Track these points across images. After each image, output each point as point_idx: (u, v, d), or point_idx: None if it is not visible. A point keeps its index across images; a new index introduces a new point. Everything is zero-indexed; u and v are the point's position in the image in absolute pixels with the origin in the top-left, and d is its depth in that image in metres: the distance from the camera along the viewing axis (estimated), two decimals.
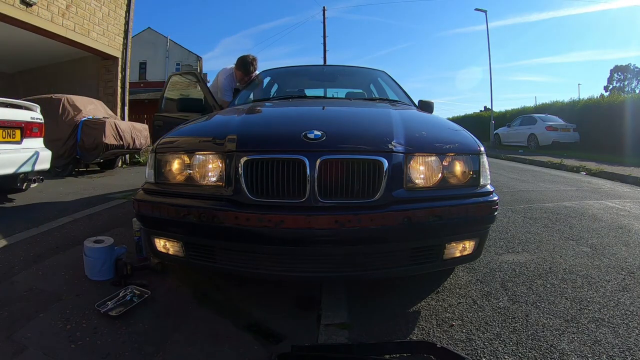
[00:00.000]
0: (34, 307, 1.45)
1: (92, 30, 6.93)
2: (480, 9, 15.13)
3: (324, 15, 18.70)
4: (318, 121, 1.65)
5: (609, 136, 10.09)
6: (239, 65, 2.98)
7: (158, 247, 1.50)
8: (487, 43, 16.75)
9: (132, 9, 8.06)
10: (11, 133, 3.17)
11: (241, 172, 1.29)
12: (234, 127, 1.53)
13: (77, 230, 2.55)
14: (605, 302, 1.55)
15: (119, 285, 1.63)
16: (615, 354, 1.19)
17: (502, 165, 7.68)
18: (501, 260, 2.05)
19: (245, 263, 1.36)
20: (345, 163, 1.28)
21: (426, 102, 2.62)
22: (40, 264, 1.90)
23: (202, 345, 1.25)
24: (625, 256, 2.11)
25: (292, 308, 1.52)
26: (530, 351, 1.21)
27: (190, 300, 1.57)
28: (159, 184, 1.49)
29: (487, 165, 1.51)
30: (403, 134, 1.44)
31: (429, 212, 1.31)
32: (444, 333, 1.33)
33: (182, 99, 2.66)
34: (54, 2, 5.98)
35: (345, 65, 3.71)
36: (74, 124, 5.36)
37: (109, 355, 1.18)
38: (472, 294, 1.63)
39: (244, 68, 2.95)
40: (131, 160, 7.86)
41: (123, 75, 7.94)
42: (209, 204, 1.33)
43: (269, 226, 1.24)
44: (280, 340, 1.28)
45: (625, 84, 41.63)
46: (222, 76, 3.11)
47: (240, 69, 2.98)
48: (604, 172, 5.94)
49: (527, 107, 15.86)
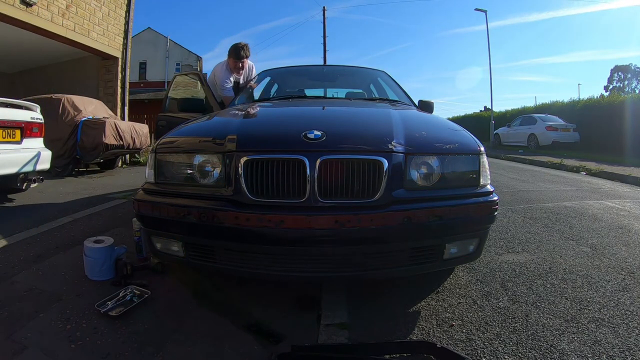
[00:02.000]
0: (34, 307, 1.45)
1: (92, 30, 6.93)
2: (480, 9, 15.16)
3: (324, 15, 18.71)
4: (318, 121, 1.65)
5: (609, 136, 10.09)
6: (231, 52, 3.04)
7: (158, 247, 1.50)
8: (487, 43, 16.76)
9: (132, 9, 8.06)
10: (11, 133, 3.17)
11: (241, 172, 1.29)
12: (234, 127, 1.53)
13: (77, 230, 2.55)
14: (605, 302, 1.55)
15: (119, 285, 1.63)
16: (615, 354, 1.19)
17: (502, 165, 7.68)
18: (501, 260, 2.05)
19: (245, 263, 1.36)
20: (345, 163, 1.28)
21: (426, 102, 2.63)
22: (40, 264, 1.90)
23: (202, 345, 1.25)
24: (625, 256, 2.11)
25: (292, 308, 1.52)
26: (530, 351, 1.21)
27: (190, 300, 1.57)
28: (159, 184, 1.49)
29: (487, 165, 1.51)
30: (403, 134, 1.44)
31: (429, 212, 1.31)
32: (444, 333, 1.33)
33: (184, 99, 2.67)
34: (54, 2, 5.98)
35: (345, 65, 3.71)
36: (74, 124, 5.36)
37: (109, 355, 1.18)
38: (472, 294, 1.63)
39: (235, 54, 3.01)
40: (131, 160, 7.87)
41: (123, 75, 7.94)
42: (209, 204, 1.33)
43: (269, 226, 1.23)
44: (280, 340, 1.28)
45: (626, 84, 41.62)
46: (217, 69, 3.17)
47: (231, 55, 3.04)
48: (604, 172, 5.94)
49: (527, 107, 15.88)
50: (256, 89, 3.03)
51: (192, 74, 3.83)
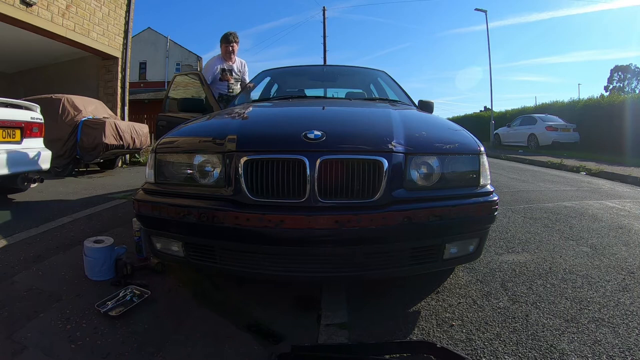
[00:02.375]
0: (34, 307, 1.45)
1: (92, 30, 6.93)
2: (480, 9, 15.13)
3: (324, 15, 18.71)
4: (318, 121, 1.65)
5: (609, 136, 10.09)
6: (222, 40, 3.36)
7: (158, 247, 1.50)
8: (487, 43, 16.79)
9: (132, 9, 8.06)
10: (11, 133, 3.17)
11: (241, 172, 1.29)
12: (234, 127, 1.53)
13: (77, 230, 2.55)
14: (605, 302, 1.55)
15: (119, 285, 1.63)
16: (615, 354, 1.19)
17: (502, 165, 7.68)
18: (501, 260, 2.05)
19: (245, 263, 1.36)
20: (345, 163, 1.28)
21: (426, 102, 2.63)
22: (40, 264, 1.90)
23: (202, 346, 1.25)
24: (625, 256, 2.11)
25: (292, 308, 1.52)
26: (530, 351, 1.21)
27: (190, 300, 1.57)
28: (159, 184, 1.49)
29: (487, 165, 1.51)
30: (403, 134, 1.44)
31: (429, 212, 1.31)
32: (444, 333, 1.33)
33: (184, 99, 2.68)
34: (54, 2, 5.98)
35: (345, 65, 3.71)
36: (74, 124, 5.36)
37: (109, 355, 1.18)
38: (472, 294, 1.63)
39: (225, 39, 3.32)
40: (131, 160, 7.87)
41: (123, 75, 7.94)
42: (209, 204, 1.33)
43: (269, 226, 1.23)
44: (280, 340, 1.28)
45: (625, 84, 41.62)
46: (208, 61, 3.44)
47: (222, 42, 3.35)
48: (603, 172, 5.94)
49: (527, 107, 15.88)
50: (256, 89, 3.03)
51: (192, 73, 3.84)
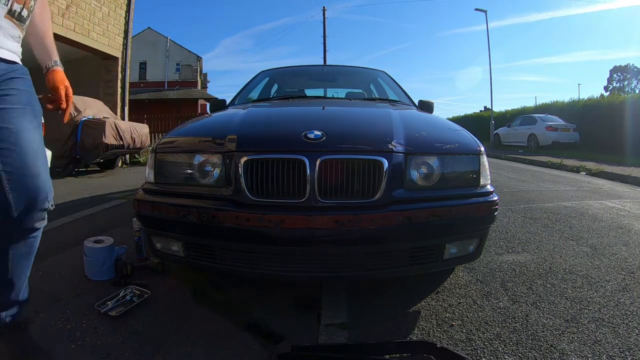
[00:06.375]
0: (34, 307, 1.45)
1: (92, 30, 6.93)
2: (480, 9, 15.14)
3: (324, 15, 18.73)
4: (318, 121, 1.64)
5: (608, 136, 10.10)
6: None
7: (158, 247, 1.50)
8: (487, 43, 16.78)
9: (132, 9, 8.06)
10: None
11: (241, 172, 1.29)
12: (234, 127, 1.53)
13: (77, 230, 2.55)
14: (605, 302, 1.55)
15: (119, 285, 1.63)
16: (615, 354, 1.19)
17: (502, 165, 7.68)
18: (501, 260, 2.05)
19: (245, 263, 1.36)
20: (345, 163, 1.28)
21: (426, 102, 2.63)
22: (40, 264, 1.90)
23: (202, 345, 1.25)
24: (625, 256, 2.11)
25: (292, 308, 1.52)
26: (530, 351, 1.21)
27: (190, 300, 1.57)
28: (159, 184, 1.49)
29: (487, 165, 1.51)
30: (403, 134, 1.44)
31: (429, 212, 1.31)
32: (444, 333, 1.33)
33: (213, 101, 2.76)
34: (54, 2, 5.98)
35: (345, 65, 3.71)
36: (74, 124, 5.36)
37: (109, 355, 1.18)
38: (472, 294, 1.63)
39: None
40: (131, 160, 7.87)
41: (123, 75, 7.95)
42: (208, 204, 1.33)
43: (269, 226, 1.23)
44: (280, 340, 1.28)
45: (625, 84, 41.63)
46: None
47: None
48: (604, 172, 5.94)
49: (527, 107, 15.89)
50: (256, 89, 3.03)
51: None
